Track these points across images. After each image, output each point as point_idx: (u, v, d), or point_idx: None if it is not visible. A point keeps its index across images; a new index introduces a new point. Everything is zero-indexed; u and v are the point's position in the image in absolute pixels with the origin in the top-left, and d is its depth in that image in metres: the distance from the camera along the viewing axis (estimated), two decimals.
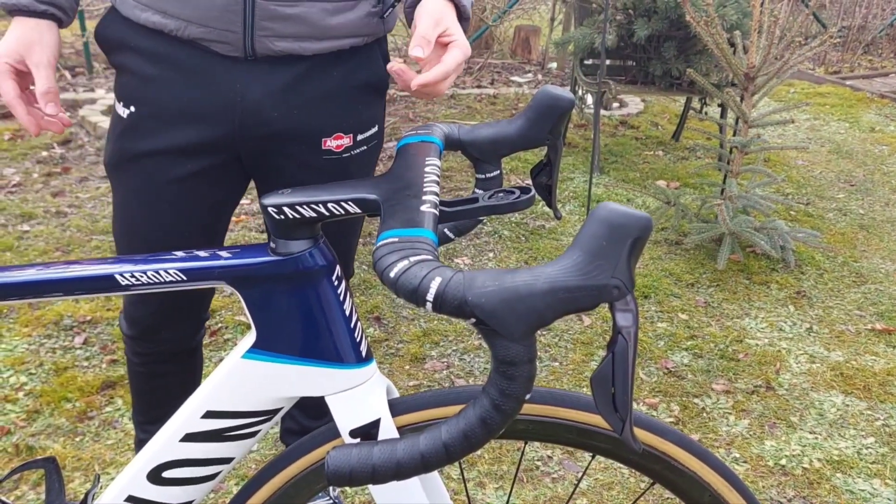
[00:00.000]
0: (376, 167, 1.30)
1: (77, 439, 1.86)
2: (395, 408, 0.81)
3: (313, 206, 0.71)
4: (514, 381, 0.56)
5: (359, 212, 0.71)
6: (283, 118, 1.11)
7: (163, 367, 1.37)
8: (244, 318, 2.39)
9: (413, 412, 0.81)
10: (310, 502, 1.59)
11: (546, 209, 3.35)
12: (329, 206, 0.71)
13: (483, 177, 0.87)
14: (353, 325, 0.79)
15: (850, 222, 3.48)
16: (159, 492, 0.84)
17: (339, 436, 0.81)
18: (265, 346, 0.79)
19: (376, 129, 1.22)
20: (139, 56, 1.08)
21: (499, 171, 0.88)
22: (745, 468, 1.89)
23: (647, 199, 3.53)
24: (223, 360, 0.82)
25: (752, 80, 2.89)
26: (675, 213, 3.11)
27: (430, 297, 0.55)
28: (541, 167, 0.88)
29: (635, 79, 4.01)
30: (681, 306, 2.66)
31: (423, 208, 0.66)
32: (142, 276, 0.76)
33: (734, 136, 3.15)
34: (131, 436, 1.84)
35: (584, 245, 0.54)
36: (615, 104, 5.13)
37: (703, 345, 2.43)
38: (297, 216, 0.72)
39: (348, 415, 0.79)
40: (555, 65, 6.20)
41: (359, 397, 0.79)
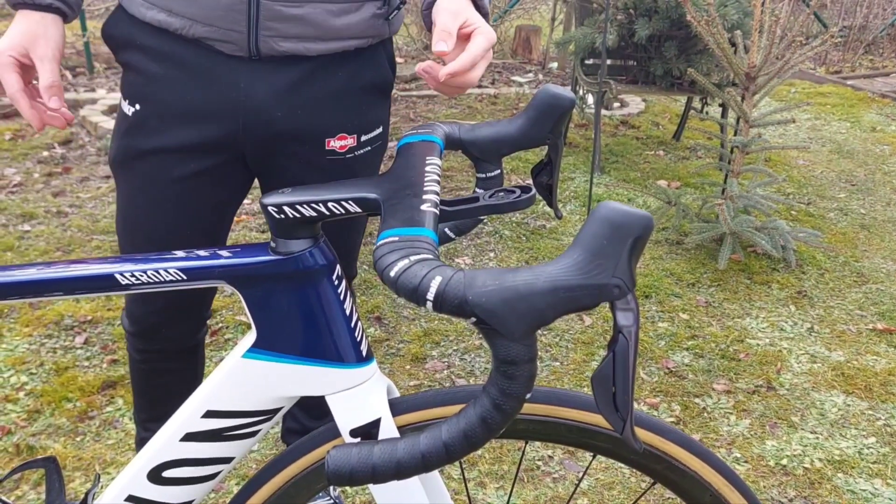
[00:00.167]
0: (380, 168, 1.30)
1: (78, 439, 1.86)
2: (396, 407, 0.81)
3: (313, 206, 0.71)
4: (515, 380, 0.56)
5: (359, 211, 0.71)
6: (286, 118, 1.11)
7: (164, 365, 1.38)
8: (245, 318, 2.39)
9: (413, 412, 0.81)
10: (310, 502, 1.60)
11: (547, 209, 3.34)
12: (329, 205, 0.71)
13: (484, 176, 0.87)
14: (353, 325, 0.79)
15: (852, 222, 3.48)
16: (159, 491, 0.84)
17: (339, 435, 0.81)
18: (265, 346, 0.79)
19: (381, 130, 1.22)
20: (145, 54, 1.08)
21: (499, 171, 0.88)
22: (746, 468, 1.89)
23: (648, 198, 3.52)
24: (223, 360, 0.82)
25: (753, 79, 2.89)
26: (676, 213, 3.10)
27: (430, 296, 0.55)
28: (541, 166, 0.88)
29: (636, 78, 4.01)
30: (682, 306, 2.66)
31: (424, 207, 0.66)
32: (142, 276, 0.76)
33: (735, 135, 3.14)
34: (132, 436, 1.84)
35: (585, 244, 0.53)
36: (616, 104, 5.13)
37: (703, 345, 2.42)
38: (298, 215, 0.72)
39: (348, 414, 0.79)
40: (555, 65, 6.19)
41: (359, 397, 0.79)
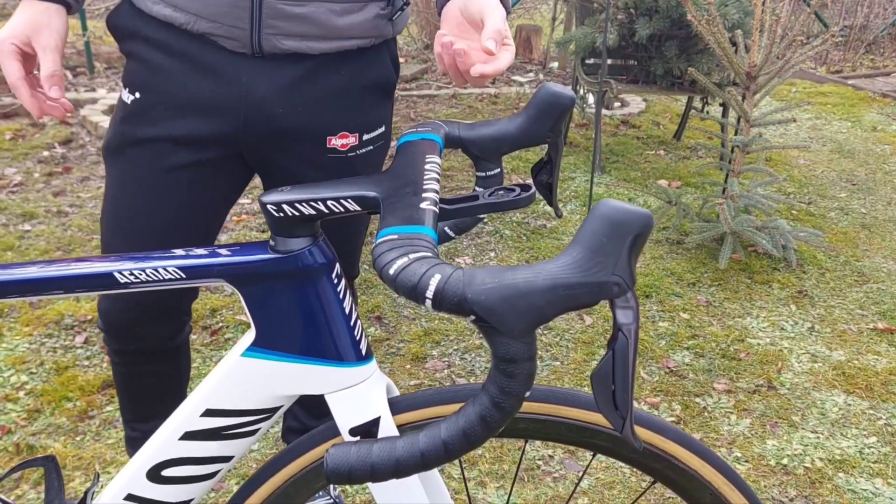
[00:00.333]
0: (382, 168, 1.29)
1: (78, 438, 1.86)
2: (395, 406, 0.81)
3: (312, 204, 0.71)
4: (514, 378, 0.56)
5: (358, 209, 0.71)
6: (288, 115, 1.11)
7: (143, 367, 1.35)
8: (245, 318, 2.38)
9: (413, 410, 0.81)
10: (311, 502, 1.60)
11: (547, 208, 3.34)
12: (328, 203, 0.71)
13: (483, 175, 0.87)
14: (352, 324, 0.79)
15: (852, 221, 3.48)
16: (159, 490, 0.84)
17: (338, 434, 0.81)
18: (265, 345, 0.79)
19: (383, 129, 1.21)
20: (149, 44, 1.09)
21: (499, 169, 0.88)
22: (746, 468, 1.88)
23: (649, 198, 3.52)
24: (223, 359, 0.82)
25: (754, 79, 2.89)
26: (677, 213, 3.10)
27: (429, 294, 0.54)
28: (541, 165, 0.88)
29: (637, 78, 4.01)
30: (682, 306, 2.66)
31: (423, 206, 0.65)
32: (140, 274, 0.76)
33: (736, 135, 3.14)
34: None
35: (584, 242, 0.53)
36: (616, 104, 5.13)
37: (704, 344, 2.42)
38: (297, 214, 0.71)
39: (348, 413, 0.79)
40: (556, 64, 6.19)
41: (358, 396, 0.79)
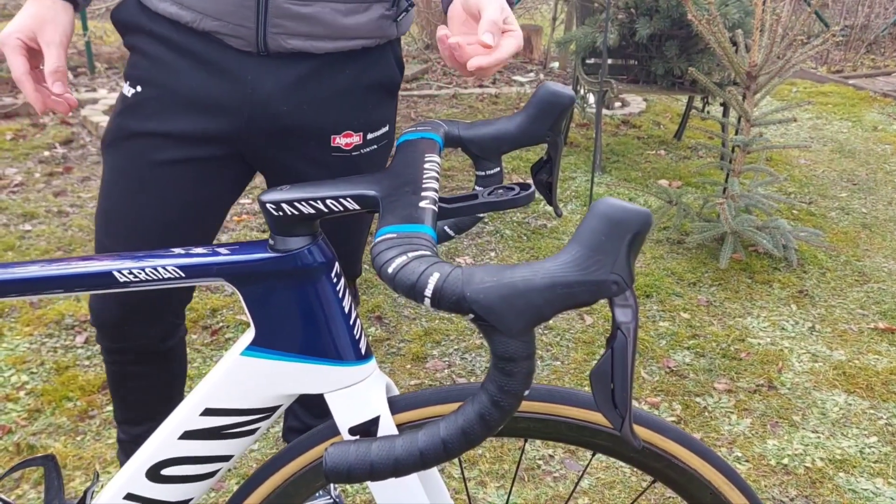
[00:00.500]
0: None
1: (78, 438, 1.86)
2: (395, 405, 0.81)
3: (312, 203, 0.71)
4: (513, 377, 0.56)
5: (357, 208, 0.71)
6: (292, 113, 1.11)
7: (133, 368, 1.33)
8: (245, 318, 2.39)
9: (412, 409, 0.81)
10: (311, 501, 1.59)
11: (548, 208, 3.34)
12: (328, 202, 0.71)
13: (483, 174, 0.87)
14: (352, 323, 0.79)
15: (853, 221, 3.47)
16: (158, 489, 0.84)
17: (338, 433, 0.81)
18: (264, 344, 0.79)
19: (387, 128, 1.22)
20: (154, 40, 1.09)
21: (499, 169, 0.87)
22: (747, 467, 1.88)
23: (649, 198, 3.52)
24: (222, 358, 0.82)
25: (755, 78, 2.88)
26: (677, 213, 3.10)
27: (428, 292, 0.54)
28: (541, 164, 0.88)
29: (637, 78, 4.01)
30: (683, 305, 2.65)
31: (423, 204, 0.65)
32: (140, 273, 0.76)
33: (736, 135, 3.14)
34: None
35: (583, 240, 0.53)
36: (617, 103, 5.13)
37: (704, 344, 2.42)
38: (296, 213, 0.71)
39: (347, 412, 0.78)
40: (557, 64, 6.19)
41: (358, 395, 0.79)
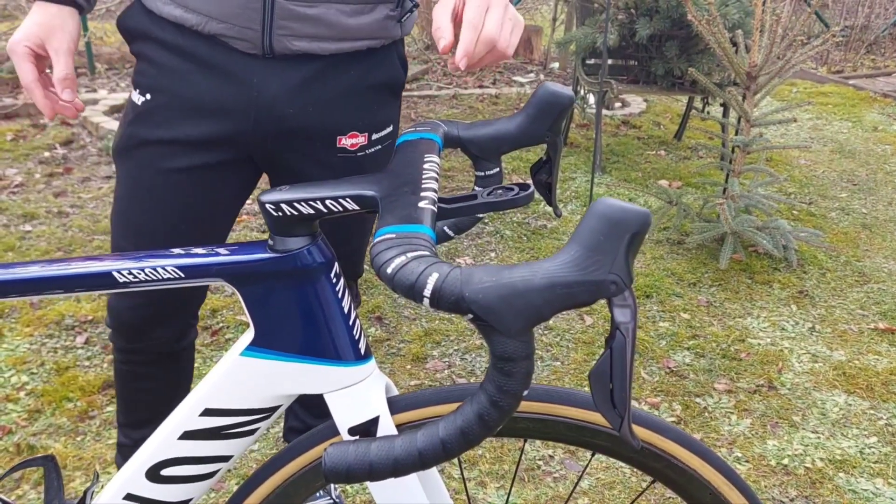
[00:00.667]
0: None
1: (78, 439, 1.86)
2: (394, 405, 0.81)
3: (311, 203, 0.71)
4: (512, 377, 0.56)
5: (357, 208, 0.71)
6: (298, 115, 1.11)
7: (144, 369, 1.34)
8: (245, 318, 2.39)
9: (412, 410, 0.81)
10: (311, 501, 1.59)
11: (547, 208, 3.34)
12: (327, 202, 0.71)
13: (483, 174, 0.87)
14: (351, 323, 0.79)
15: (853, 222, 3.47)
16: (158, 490, 0.84)
17: (337, 433, 0.81)
18: (263, 344, 0.79)
19: (391, 128, 1.22)
20: (160, 46, 1.09)
21: (499, 169, 0.87)
22: (747, 468, 1.88)
23: (650, 198, 3.52)
24: (222, 358, 0.82)
25: (755, 79, 2.88)
26: (677, 213, 3.10)
27: (426, 292, 0.54)
28: (541, 164, 0.88)
29: (637, 78, 4.01)
30: (683, 306, 2.65)
31: (422, 205, 0.65)
32: (139, 274, 0.76)
33: (736, 135, 3.14)
34: None
35: (581, 240, 0.53)
36: (617, 104, 5.13)
37: (704, 344, 2.42)
38: (295, 213, 0.71)
39: (347, 412, 0.79)
40: (557, 65, 6.19)
41: (357, 395, 0.79)
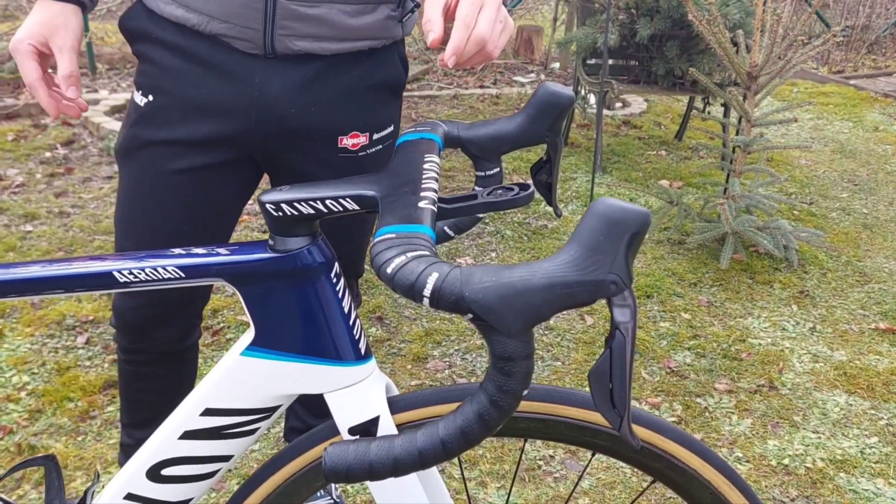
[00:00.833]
0: None
1: (79, 439, 1.86)
2: (395, 405, 0.81)
3: (311, 203, 0.71)
4: (512, 377, 0.56)
5: (357, 208, 0.71)
6: (300, 115, 1.12)
7: (148, 369, 1.35)
8: (246, 318, 2.39)
9: (412, 410, 0.81)
10: (311, 501, 1.60)
11: (548, 209, 3.34)
12: (327, 202, 0.71)
13: (483, 174, 0.87)
14: (351, 323, 0.79)
15: (854, 222, 3.47)
16: (158, 489, 0.84)
17: (337, 433, 0.81)
18: (264, 344, 0.79)
19: (392, 128, 1.23)
20: (161, 47, 1.09)
21: (499, 169, 0.88)
22: (747, 468, 1.88)
23: (650, 198, 3.52)
24: (222, 358, 0.82)
25: (755, 79, 2.88)
26: (678, 213, 3.10)
27: (426, 292, 0.54)
28: (541, 165, 0.88)
29: (638, 78, 4.01)
30: (683, 306, 2.65)
31: (422, 205, 0.65)
32: (140, 273, 0.76)
33: (737, 135, 3.14)
34: None
35: (581, 240, 0.53)
36: (618, 104, 5.13)
37: (705, 344, 2.42)
38: (295, 213, 0.72)
39: (347, 412, 0.79)
40: (557, 65, 6.19)
41: (358, 395, 0.79)
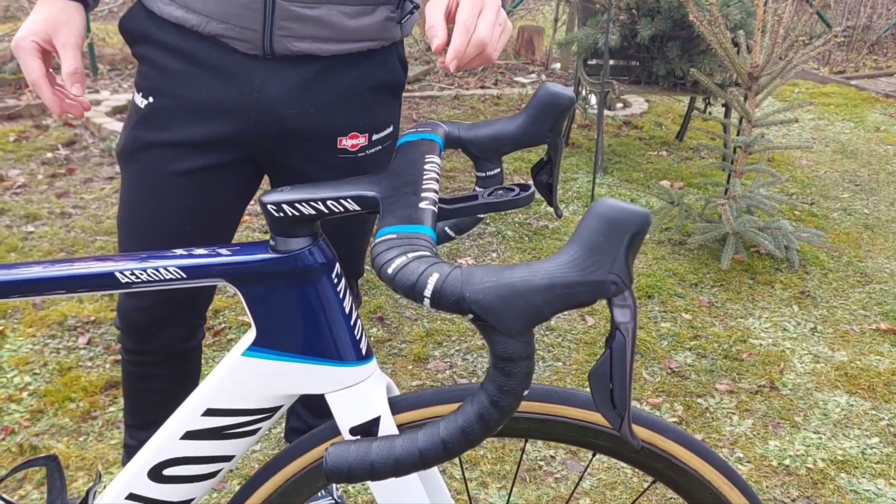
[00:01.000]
0: None
1: (81, 439, 1.87)
2: (395, 406, 0.81)
3: (312, 204, 0.71)
4: (512, 377, 0.56)
5: (358, 209, 0.71)
6: (299, 116, 1.12)
7: (153, 369, 1.35)
8: (247, 319, 2.39)
9: (413, 410, 0.81)
10: (312, 501, 1.60)
11: (549, 209, 3.34)
12: (328, 203, 0.71)
13: (483, 175, 0.87)
14: (352, 323, 0.79)
15: (855, 222, 3.47)
16: (160, 489, 0.85)
17: (339, 433, 0.81)
18: (265, 344, 0.79)
19: (391, 129, 1.23)
20: (161, 49, 1.09)
21: (499, 170, 0.88)
22: (748, 468, 1.88)
23: (651, 199, 3.52)
24: (224, 358, 0.82)
25: (756, 79, 2.88)
26: (679, 214, 3.10)
27: (427, 293, 0.55)
28: (541, 165, 0.88)
29: (639, 79, 4.01)
30: (684, 306, 2.65)
31: (422, 205, 0.66)
32: (141, 274, 0.76)
33: (738, 135, 3.14)
34: None
35: (581, 240, 0.53)
36: (619, 104, 5.13)
37: (706, 345, 2.42)
38: (296, 214, 0.72)
39: (348, 412, 0.79)
40: (558, 65, 6.19)
41: (359, 395, 0.79)
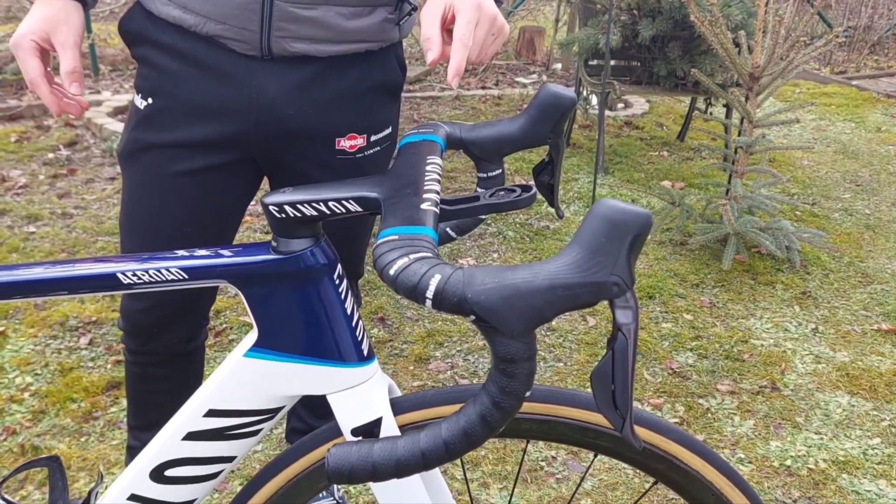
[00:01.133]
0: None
1: (82, 439, 1.87)
2: (397, 406, 0.81)
3: (314, 205, 0.71)
4: (514, 378, 0.56)
5: (360, 210, 0.71)
6: (297, 116, 1.12)
7: (156, 370, 1.35)
8: (249, 319, 2.39)
9: (415, 411, 0.81)
10: (314, 502, 1.60)
11: (550, 210, 3.34)
12: (330, 204, 0.71)
13: (485, 176, 0.87)
14: (354, 324, 0.79)
15: (856, 222, 3.47)
16: (161, 490, 0.85)
17: (340, 434, 0.81)
18: (267, 345, 0.79)
19: (390, 130, 1.23)
20: (159, 50, 1.10)
21: (501, 170, 0.88)
22: (750, 469, 1.88)
23: (652, 199, 3.52)
24: (225, 359, 0.83)
25: (757, 80, 2.88)
26: (680, 214, 3.10)
27: (429, 294, 0.55)
28: (543, 166, 0.88)
29: (640, 79, 4.01)
30: (685, 307, 2.65)
31: (424, 206, 0.66)
32: (143, 275, 0.76)
33: (739, 136, 3.14)
34: None
35: (583, 242, 0.53)
36: (620, 105, 5.13)
37: (707, 345, 2.42)
38: (298, 215, 0.72)
39: (350, 413, 0.79)
40: (559, 66, 6.19)
41: (360, 396, 0.79)
